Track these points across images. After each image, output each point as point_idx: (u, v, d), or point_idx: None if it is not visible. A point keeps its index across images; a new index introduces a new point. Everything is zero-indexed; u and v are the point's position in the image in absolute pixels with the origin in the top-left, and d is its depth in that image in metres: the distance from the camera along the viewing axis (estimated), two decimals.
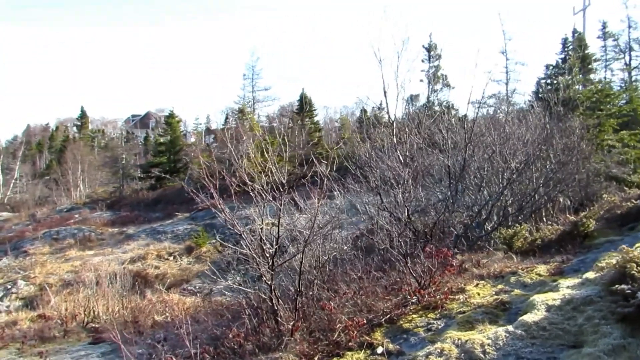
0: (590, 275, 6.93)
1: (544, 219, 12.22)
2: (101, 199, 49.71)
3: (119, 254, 25.88)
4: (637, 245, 6.74)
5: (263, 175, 7.76)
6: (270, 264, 7.00)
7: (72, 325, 12.70)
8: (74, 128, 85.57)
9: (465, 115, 15.88)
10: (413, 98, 37.15)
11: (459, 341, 6.08)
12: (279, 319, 7.17)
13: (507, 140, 11.92)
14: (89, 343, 11.20)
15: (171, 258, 23.33)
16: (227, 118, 59.58)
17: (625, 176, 13.49)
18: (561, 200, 13.25)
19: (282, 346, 6.91)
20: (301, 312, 7.20)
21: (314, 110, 48.15)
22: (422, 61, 38.85)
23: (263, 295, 7.34)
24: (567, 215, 10.76)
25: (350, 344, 6.87)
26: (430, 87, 38.86)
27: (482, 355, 5.71)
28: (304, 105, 46.34)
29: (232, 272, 17.37)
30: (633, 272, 5.70)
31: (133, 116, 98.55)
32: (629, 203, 10.01)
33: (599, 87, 18.80)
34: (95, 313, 13.21)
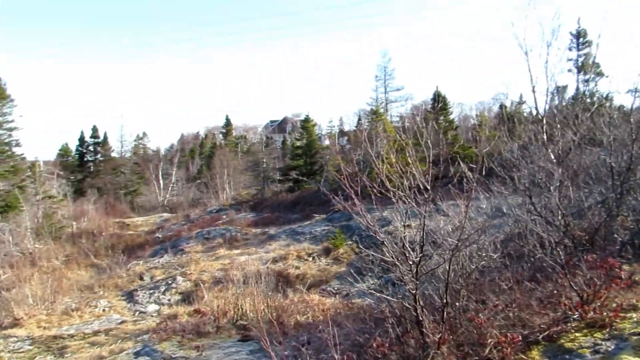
0: None
1: None
2: (245, 200, 53.10)
3: (262, 253, 27.27)
4: None
5: (404, 179, 7.52)
6: (414, 272, 6.73)
7: (224, 321, 13.57)
8: (220, 135, 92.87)
9: (624, 107, 14.09)
10: (560, 90, 34.03)
11: None
12: (424, 329, 6.87)
13: None
14: (238, 340, 11.86)
15: (310, 259, 23.99)
16: (359, 120, 60.15)
17: None
18: None
19: (428, 359, 6.62)
20: (448, 324, 6.82)
21: (449, 107, 46.64)
22: (570, 49, 35.54)
23: (406, 304, 7.08)
24: None
25: None
26: (580, 77, 35.39)
27: None
28: (438, 103, 45.05)
29: (370, 275, 17.37)
30: None
31: (271, 122, 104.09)
32: None
33: None
34: (243, 310, 13.97)
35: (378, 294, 7.82)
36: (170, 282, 23.75)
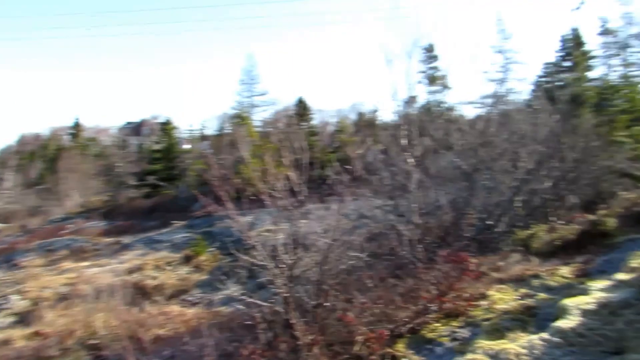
0: (622, 276, 6.63)
1: (553, 218, 11.94)
2: (95, 208, 48.91)
3: (116, 264, 25.23)
4: None
5: (271, 182, 7.41)
6: (287, 274, 6.62)
7: (71, 342, 12.20)
8: (68, 137, 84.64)
9: (467, 116, 15.58)
10: (411, 99, 36.85)
11: (492, 351, 5.74)
12: (296, 332, 6.79)
13: (522, 139, 11.64)
14: None
15: (169, 268, 22.76)
16: (222, 124, 58.95)
17: (638, 172, 13.23)
18: (571, 199, 12.96)
19: None
20: (319, 325, 6.81)
21: (311, 114, 47.82)
22: (421, 62, 38.57)
23: (278, 308, 6.94)
24: (583, 214, 10.48)
25: (372, 357, 6.52)
26: (429, 88, 38.57)
27: None
28: (301, 109, 46.03)
29: (235, 281, 16.94)
30: None
31: (128, 124, 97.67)
32: None
33: (609, 83, 18.60)
34: (95, 328, 12.71)
35: (248, 299, 7.56)
36: (1, 302, 20.81)
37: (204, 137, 71.02)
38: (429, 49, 39.90)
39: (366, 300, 7.70)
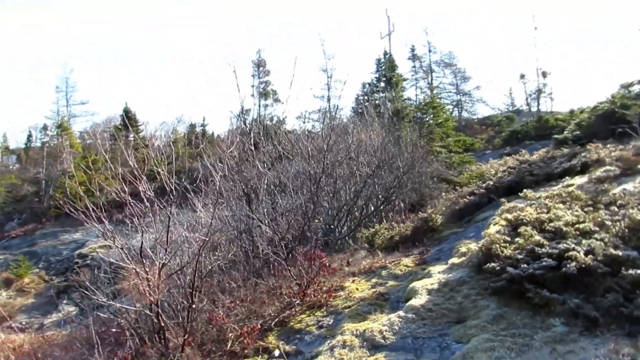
0: (455, 260, 7.81)
1: (385, 219, 13.38)
2: None
3: None
4: (488, 231, 7.76)
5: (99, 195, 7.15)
6: (156, 278, 6.48)
7: None
8: None
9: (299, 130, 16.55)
10: (244, 112, 37.62)
11: (357, 331, 6.36)
12: (166, 336, 6.67)
13: (358, 147, 12.83)
14: None
15: None
16: (30, 136, 52.55)
17: (453, 177, 15.55)
18: (399, 202, 14.63)
19: None
20: (190, 326, 6.78)
21: (140, 125, 45.52)
22: (252, 76, 39.60)
23: (147, 311, 6.75)
24: (415, 214, 11.97)
25: (246, 351, 6.71)
26: (261, 101, 39.71)
27: (382, 341, 6.06)
28: (128, 121, 43.48)
29: (66, 302, 15.51)
30: (498, 252, 6.61)
31: None
32: (464, 199, 11.53)
33: (427, 99, 21.30)
34: None
35: (117, 306, 7.16)
36: None
37: (9, 151, 62.65)
38: (260, 63, 41.28)
39: (233, 299, 7.87)
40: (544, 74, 34.75)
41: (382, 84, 36.34)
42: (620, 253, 5.79)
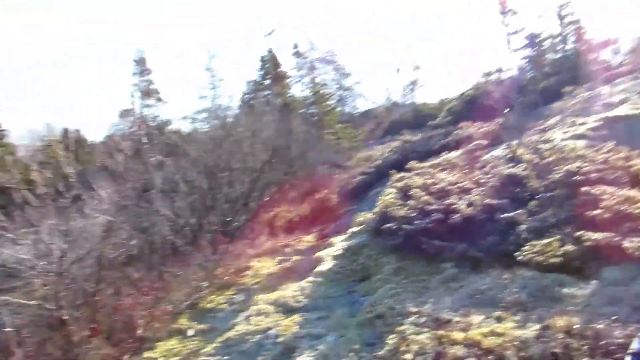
0: (354, 229, 8.37)
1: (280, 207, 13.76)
2: None
3: None
4: (383, 197, 8.36)
5: None
6: (57, 271, 6.24)
7: None
8: None
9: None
10: (124, 113, 35.81)
11: (270, 299, 6.63)
12: (70, 328, 6.44)
13: (253, 138, 13.05)
14: None
15: None
16: None
17: (342, 161, 16.28)
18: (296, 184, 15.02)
19: (80, 357, 6.25)
20: (97, 315, 6.60)
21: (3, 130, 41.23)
22: (133, 74, 37.69)
23: (48, 306, 6.44)
24: (312, 195, 12.46)
25: (158, 335, 6.67)
26: (143, 101, 37.96)
27: (296, 304, 6.39)
28: None
29: None
30: (393, 214, 7.23)
31: None
32: (356, 179, 12.23)
33: (318, 87, 21.94)
34: None
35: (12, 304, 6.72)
36: None
37: None
38: (141, 61, 39.49)
39: (139, 288, 7.75)
40: (417, 67, 37.25)
41: (268, 82, 36.59)
42: (495, 202, 6.67)
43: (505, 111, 14.76)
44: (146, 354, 6.30)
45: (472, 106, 19.30)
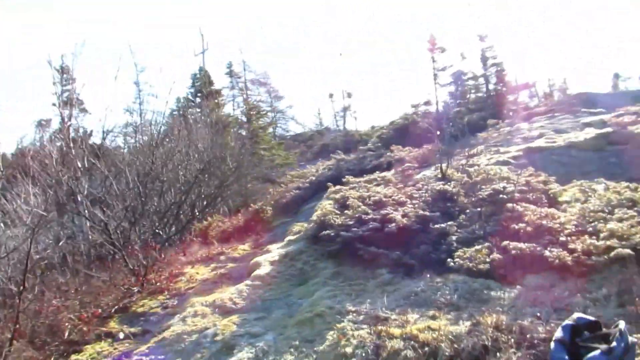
0: (292, 237, 8.47)
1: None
2: None
3: None
4: (321, 205, 8.58)
5: None
6: None
7: None
8: None
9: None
10: (44, 122, 33.97)
11: (206, 302, 6.54)
12: None
13: (187, 146, 12.87)
14: None
15: None
16: None
17: (276, 177, 16.40)
18: (224, 207, 14.95)
19: (2, 358, 5.85)
20: (19, 319, 6.21)
21: None
22: (54, 84, 35.76)
23: None
24: (245, 208, 12.44)
25: (86, 338, 6.35)
26: (65, 111, 36.13)
27: (233, 306, 6.35)
28: None
29: None
30: (331, 221, 7.44)
31: None
32: (290, 193, 12.37)
33: (252, 104, 21.99)
34: None
35: None
36: None
37: None
38: (64, 70, 37.74)
39: (64, 292, 7.38)
40: (349, 95, 38.48)
41: (198, 99, 36.10)
42: (428, 213, 7.06)
43: (434, 138, 15.62)
44: (73, 357, 6.00)
45: (401, 134, 20.27)
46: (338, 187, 9.25)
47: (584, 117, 13.46)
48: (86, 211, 10.55)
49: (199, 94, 37.37)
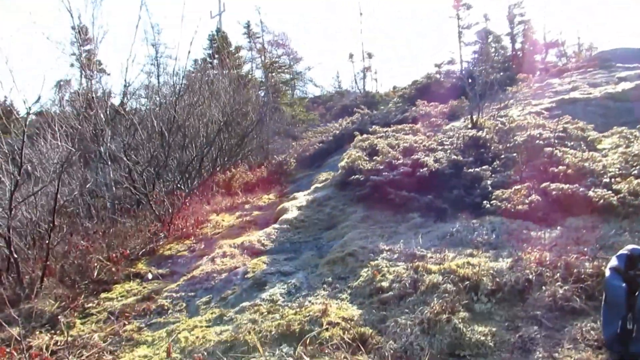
0: (318, 185, 8.34)
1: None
2: None
3: None
4: (352, 152, 8.36)
5: None
6: (6, 207, 5.82)
7: None
8: None
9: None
10: (64, 83, 34.05)
11: (235, 244, 6.47)
12: (22, 269, 6.03)
13: (210, 97, 12.70)
14: None
15: None
16: None
17: (299, 133, 16.24)
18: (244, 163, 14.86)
19: (34, 295, 5.86)
20: (49, 257, 6.21)
21: None
22: (72, 44, 35.63)
23: None
24: (269, 160, 12.33)
25: (115, 278, 6.36)
26: (84, 72, 36.12)
27: (262, 247, 6.28)
28: None
29: None
30: (361, 166, 7.26)
31: None
32: (314, 147, 12.21)
33: (272, 59, 21.71)
34: None
35: None
36: None
37: None
38: (81, 30, 37.50)
39: (95, 232, 7.40)
40: (370, 55, 37.61)
41: (216, 61, 35.76)
42: (461, 158, 6.83)
43: (460, 94, 15.21)
44: (103, 295, 6.01)
45: (424, 93, 19.74)
46: (365, 136, 9.03)
47: (619, 72, 12.94)
48: (109, 162, 10.56)
49: (216, 55, 37.03)
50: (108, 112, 12.34)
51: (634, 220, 4.93)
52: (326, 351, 3.59)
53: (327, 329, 3.94)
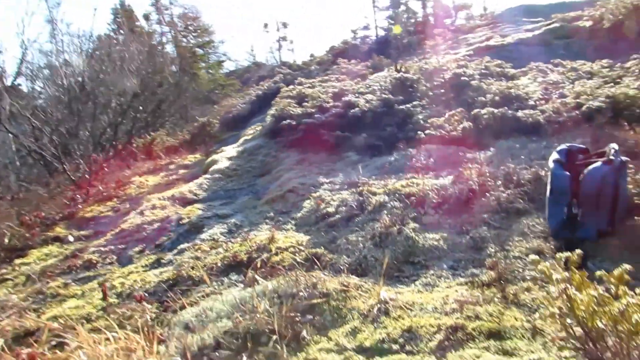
0: (247, 137, 8.06)
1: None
2: None
3: None
4: (280, 101, 8.12)
5: None
6: None
7: None
8: None
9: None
10: None
11: (165, 196, 6.09)
12: None
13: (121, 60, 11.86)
14: None
15: None
16: None
17: (220, 99, 15.70)
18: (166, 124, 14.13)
19: None
20: None
21: None
22: None
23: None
24: (192, 124, 11.77)
25: (30, 243, 5.78)
26: None
27: (194, 197, 5.96)
28: None
29: None
30: (291, 112, 7.06)
31: None
32: (236, 108, 11.78)
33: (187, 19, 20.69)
34: None
35: None
36: None
37: None
38: None
39: (2, 198, 6.69)
40: (284, 25, 36.85)
41: (121, 37, 33.72)
42: (392, 97, 6.82)
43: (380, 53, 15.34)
44: (18, 261, 5.43)
45: (342, 58, 19.79)
46: (292, 86, 8.82)
47: (526, 25, 13.56)
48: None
49: (121, 31, 34.84)
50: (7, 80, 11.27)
51: (560, 136, 5.13)
52: (279, 273, 3.42)
53: (276, 254, 3.77)
